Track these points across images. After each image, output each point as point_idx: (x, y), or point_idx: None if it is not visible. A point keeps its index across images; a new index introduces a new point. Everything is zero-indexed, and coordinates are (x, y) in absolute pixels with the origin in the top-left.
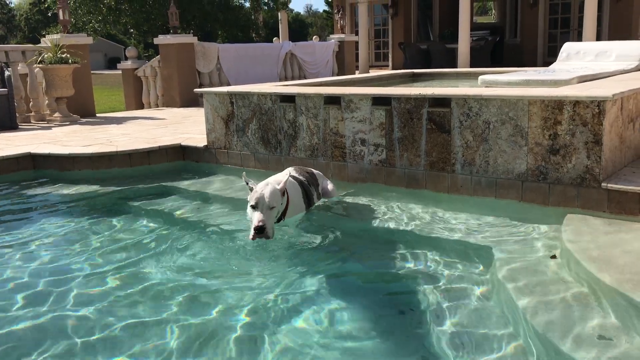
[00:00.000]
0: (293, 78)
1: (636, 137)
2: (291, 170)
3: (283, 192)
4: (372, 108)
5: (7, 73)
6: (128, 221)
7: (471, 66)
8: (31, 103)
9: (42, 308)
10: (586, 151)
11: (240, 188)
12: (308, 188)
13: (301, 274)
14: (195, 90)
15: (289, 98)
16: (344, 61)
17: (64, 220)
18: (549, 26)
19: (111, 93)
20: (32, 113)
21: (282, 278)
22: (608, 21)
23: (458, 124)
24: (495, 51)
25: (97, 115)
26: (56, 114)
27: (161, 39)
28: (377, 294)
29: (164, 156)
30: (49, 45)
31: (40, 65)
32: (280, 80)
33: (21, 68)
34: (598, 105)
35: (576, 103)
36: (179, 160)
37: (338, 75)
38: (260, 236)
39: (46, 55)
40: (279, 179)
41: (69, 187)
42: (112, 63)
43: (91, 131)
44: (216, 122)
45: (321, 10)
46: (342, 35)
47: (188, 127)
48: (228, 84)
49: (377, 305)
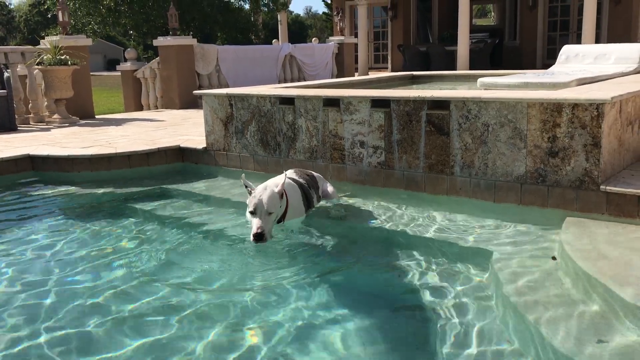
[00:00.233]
0: (292, 80)
1: (635, 140)
2: (291, 172)
3: (281, 195)
4: (371, 110)
5: (7, 74)
6: (127, 223)
7: (470, 68)
8: (30, 104)
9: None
10: (585, 154)
11: (239, 190)
12: (308, 191)
13: (300, 276)
14: (194, 92)
15: (288, 100)
16: (343, 63)
17: (63, 221)
18: (548, 29)
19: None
20: (31, 114)
21: (281, 280)
22: (607, 24)
23: (457, 127)
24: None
25: (96, 116)
26: (55, 116)
27: (160, 41)
28: (375, 296)
29: (163, 158)
30: (49, 46)
31: (39, 66)
32: (279, 82)
33: (20, 69)
34: (597, 108)
35: (575, 106)
36: (178, 162)
37: (337, 77)
38: (259, 242)
39: (45, 56)
40: (278, 182)
41: (68, 189)
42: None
43: (90, 133)
44: (215, 124)
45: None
46: (342, 37)
47: (187, 129)
48: (227, 86)
49: (375, 306)
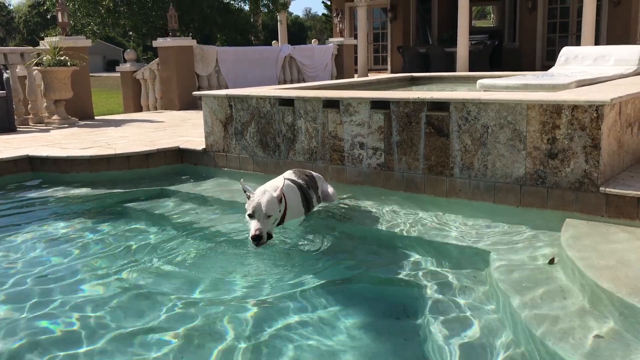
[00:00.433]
0: (292, 81)
1: (634, 142)
2: (290, 173)
3: (280, 199)
4: (371, 112)
5: (6, 75)
6: (126, 224)
7: (470, 70)
8: (29, 105)
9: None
10: (584, 155)
11: (238, 191)
12: (307, 192)
13: (299, 277)
14: (194, 93)
15: (288, 101)
16: (343, 65)
17: (62, 223)
18: (548, 30)
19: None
20: (31, 115)
21: (280, 281)
22: (606, 25)
23: (456, 128)
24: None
25: (96, 117)
26: (54, 117)
27: (160, 42)
28: (374, 297)
29: (162, 159)
30: (48, 47)
31: (38, 67)
32: (279, 83)
33: (20, 70)
34: (596, 109)
35: (574, 107)
36: (178, 163)
37: (337, 78)
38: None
39: (45, 57)
40: (277, 185)
41: (67, 190)
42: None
43: (89, 134)
44: (215, 125)
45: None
46: (341, 38)
47: (187, 130)
48: (227, 87)
49: (373, 308)
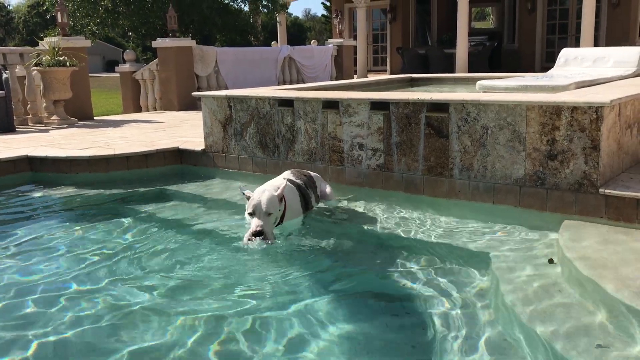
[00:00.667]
0: (291, 82)
1: (633, 143)
2: (289, 173)
3: (280, 199)
4: (370, 113)
5: (5, 75)
6: (125, 224)
7: (469, 71)
8: (29, 106)
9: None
10: (584, 157)
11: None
12: (306, 191)
13: (298, 277)
14: (193, 93)
15: (287, 102)
16: (343, 65)
17: (61, 223)
18: (547, 32)
19: (109, 96)
20: (30, 116)
21: (279, 281)
22: (606, 27)
23: (456, 129)
24: (493, 56)
25: (95, 118)
26: (54, 117)
27: (159, 42)
28: (373, 298)
29: (162, 160)
30: (47, 47)
31: (38, 67)
32: (278, 84)
33: (19, 70)
34: (596, 111)
35: (574, 109)
36: (177, 163)
37: (336, 79)
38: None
39: (44, 57)
40: (276, 184)
41: (66, 190)
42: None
43: (89, 134)
44: (214, 126)
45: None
46: (341, 39)
47: (186, 131)
48: (226, 88)
49: (372, 309)
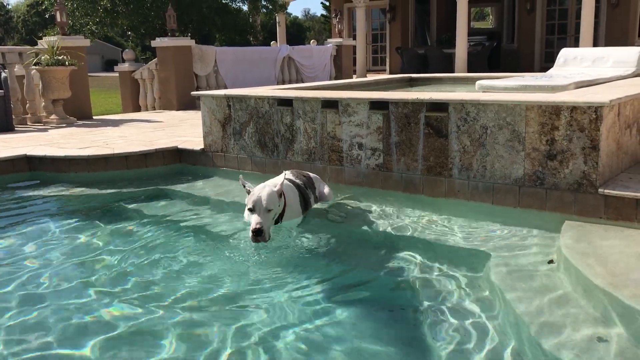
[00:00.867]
0: (290, 82)
1: (633, 143)
2: (288, 173)
3: (280, 194)
4: (370, 112)
5: (4, 75)
6: (124, 224)
7: (468, 71)
8: (27, 105)
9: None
10: (583, 157)
11: (237, 192)
12: (305, 191)
13: (297, 277)
14: (192, 93)
15: (287, 102)
16: (342, 65)
17: (60, 222)
18: (546, 32)
19: (108, 95)
20: (29, 115)
21: (278, 281)
22: (605, 27)
23: (455, 129)
24: (492, 56)
25: (94, 117)
26: (53, 116)
27: (159, 42)
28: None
29: (161, 159)
30: (46, 47)
31: (37, 67)
32: (277, 83)
33: (18, 70)
34: (595, 111)
35: (573, 109)
36: (176, 163)
37: (336, 79)
38: (258, 239)
39: (43, 57)
40: (276, 182)
41: (65, 190)
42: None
43: (88, 133)
44: (213, 125)
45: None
46: (340, 39)
47: (185, 130)
48: (225, 87)
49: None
